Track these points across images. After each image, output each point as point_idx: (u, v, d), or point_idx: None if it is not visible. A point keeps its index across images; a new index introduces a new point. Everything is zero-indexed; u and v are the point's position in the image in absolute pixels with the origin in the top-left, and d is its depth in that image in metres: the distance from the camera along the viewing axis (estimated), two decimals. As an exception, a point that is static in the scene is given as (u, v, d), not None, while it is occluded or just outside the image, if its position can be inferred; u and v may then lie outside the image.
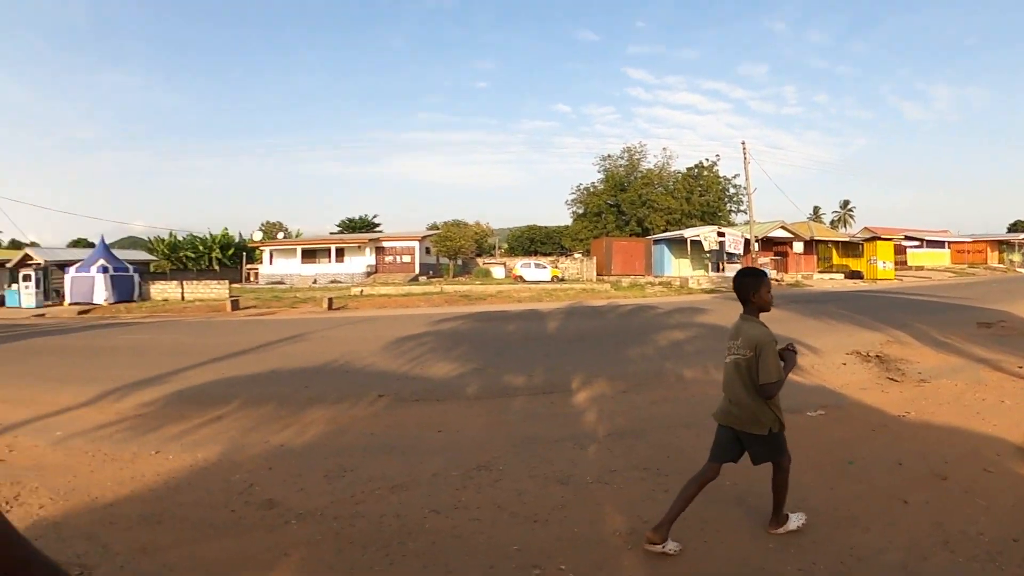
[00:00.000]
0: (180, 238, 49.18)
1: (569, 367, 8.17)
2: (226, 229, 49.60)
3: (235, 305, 23.11)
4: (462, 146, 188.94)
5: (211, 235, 48.88)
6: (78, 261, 29.42)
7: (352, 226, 59.21)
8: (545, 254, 52.62)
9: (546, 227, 59.65)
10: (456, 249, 40.88)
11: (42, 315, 22.68)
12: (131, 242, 61.32)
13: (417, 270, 41.11)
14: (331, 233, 51.53)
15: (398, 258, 42.53)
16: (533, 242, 58.70)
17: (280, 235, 52.08)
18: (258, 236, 46.93)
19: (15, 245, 42.73)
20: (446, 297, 24.95)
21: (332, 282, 38.32)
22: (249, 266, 45.61)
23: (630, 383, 7.10)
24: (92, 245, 57.64)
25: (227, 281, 31.54)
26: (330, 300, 22.26)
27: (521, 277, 36.86)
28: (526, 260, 42.60)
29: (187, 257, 47.22)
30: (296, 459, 4.69)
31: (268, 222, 69.29)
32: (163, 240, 48.86)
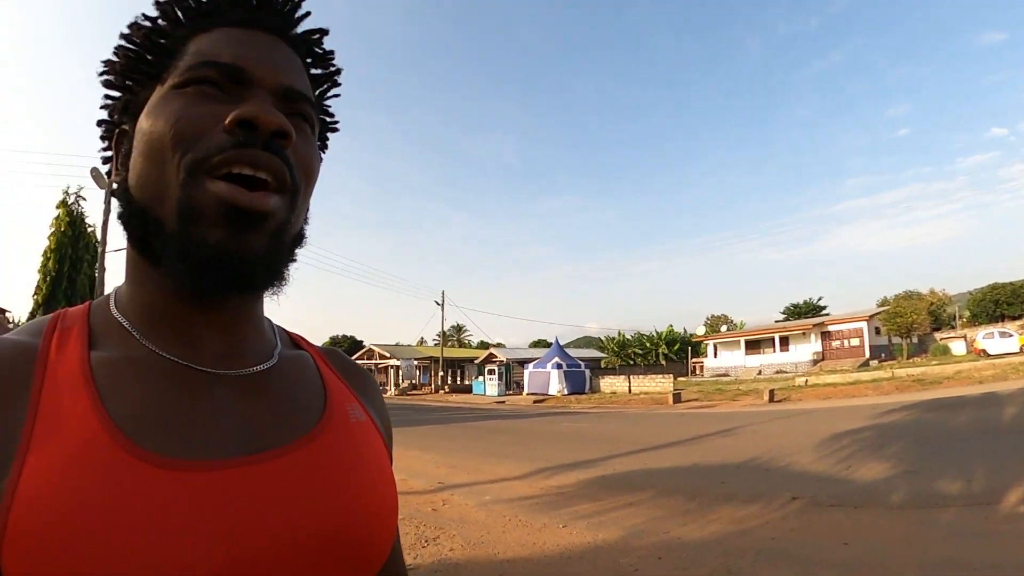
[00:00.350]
0: (628, 336, 53.92)
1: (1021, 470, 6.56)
2: (671, 326, 52.37)
3: (676, 398, 23.80)
4: (899, 205, 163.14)
5: (656, 332, 52.21)
6: (536, 359, 34.98)
7: (797, 312, 56.10)
8: (1013, 317, 40.24)
9: (1012, 283, 45.74)
10: (908, 325, 34.46)
11: (502, 402, 27.69)
12: (585, 341, 69.40)
13: (867, 353, 35.73)
14: (776, 321, 49.68)
15: (845, 342, 37.99)
16: (998, 304, 45.41)
17: (723, 327, 52.49)
18: (701, 330, 48.20)
19: (483, 346, 53.52)
20: (897, 383, 21.67)
21: (777, 372, 36.40)
22: (695, 360, 46.86)
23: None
24: (549, 345, 68.57)
25: (671, 375, 32.88)
26: (771, 392, 21.26)
27: (984, 351, 28.68)
28: (988, 330, 32.86)
29: (635, 353, 51.18)
30: (687, 553, 4.51)
31: (713, 315, 70.78)
32: (613, 339, 54.33)
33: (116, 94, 0.56)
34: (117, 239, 13.84)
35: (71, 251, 14.91)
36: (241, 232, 0.46)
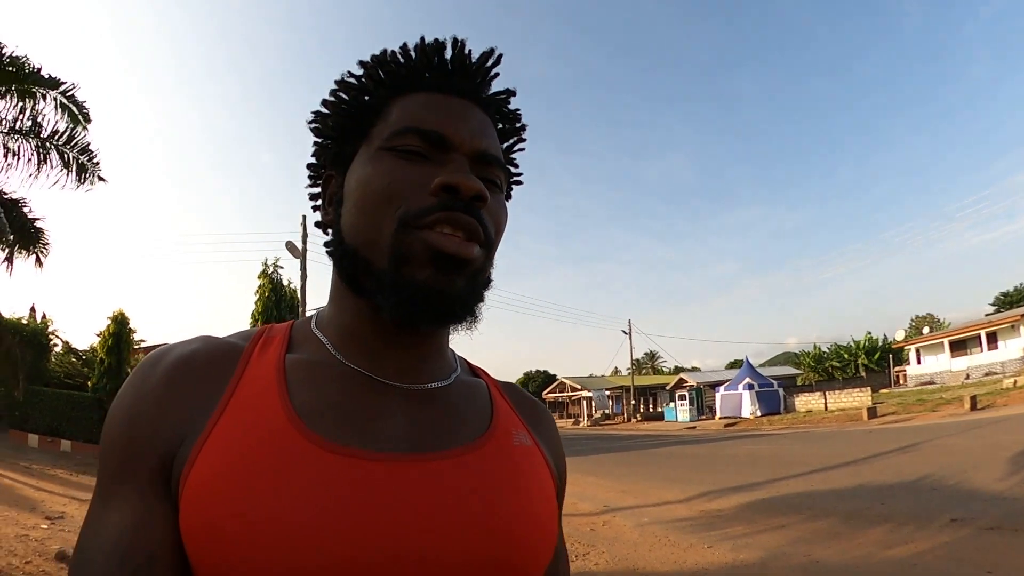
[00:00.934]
0: (825, 349, 50.13)
1: None
2: (869, 334, 48.33)
3: (872, 413, 22.37)
4: None
5: (854, 342, 48.10)
6: (727, 381, 33.84)
7: (1008, 300, 48.60)
8: None
9: None
10: None
11: (692, 428, 27.49)
12: (784, 358, 65.03)
13: None
14: (986, 315, 42.93)
15: None
16: None
17: (926, 329, 46.80)
18: (901, 335, 43.51)
19: (677, 371, 52.30)
20: None
21: (986, 375, 31.75)
22: (897, 368, 42.53)
23: None
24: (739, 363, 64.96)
25: (869, 388, 30.51)
26: (972, 399, 19.42)
27: None
28: None
29: (832, 367, 47.59)
30: (823, 575, 4.69)
31: (916, 316, 63.57)
32: (808, 353, 50.75)
33: (325, 143, 0.65)
34: (313, 300, 16.37)
35: (275, 312, 18.01)
36: (446, 273, 0.53)
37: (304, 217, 18.59)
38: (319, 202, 0.67)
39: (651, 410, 43.76)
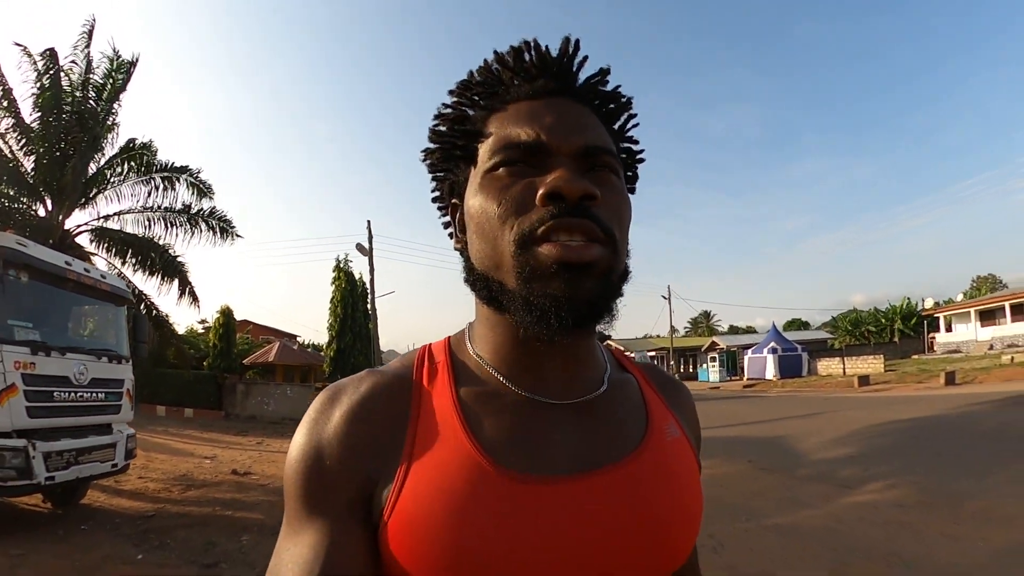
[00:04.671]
0: (864, 312, 51.31)
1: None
2: (907, 299, 49.08)
3: (863, 381, 24.62)
4: None
5: (892, 306, 49.12)
6: (755, 345, 36.50)
7: None
8: None
9: None
10: None
11: (717, 387, 30.45)
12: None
13: None
14: None
15: None
16: None
17: (990, 291, 47.04)
18: (929, 303, 44.47)
19: (732, 331, 53.92)
20: None
21: (1009, 346, 32.70)
22: (932, 334, 43.42)
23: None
24: (805, 325, 65.61)
25: (882, 356, 32.40)
26: (950, 374, 21.36)
27: None
28: None
29: (869, 331, 48.82)
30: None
31: (978, 276, 62.58)
32: (846, 316, 52.09)
33: (440, 175, 0.69)
34: (380, 287, 20.51)
35: (350, 299, 22.21)
36: (574, 280, 0.54)
37: (369, 222, 22.84)
38: (451, 230, 0.71)
39: (689, 370, 46.68)
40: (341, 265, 23.06)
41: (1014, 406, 13.18)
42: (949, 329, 40.86)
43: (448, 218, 0.71)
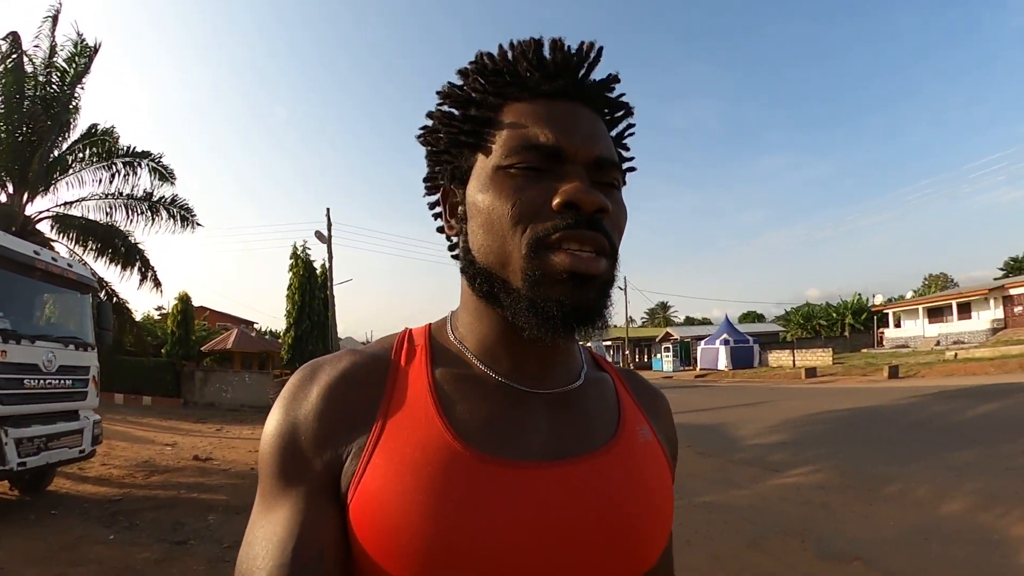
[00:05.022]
0: (817, 307, 53.11)
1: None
2: (858, 294, 51.08)
3: (810, 373, 25.82)
4: None
5: (843, 301, 51.02)
6: (708, 336, 37.68)
7: (1018, 266, 49.48)
8: None
9: None
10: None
11: (670, 377, 31.47)
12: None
13: None
14: (995, 279, 44.77)
15: None
16: None
17: (940, 289, 48.94)
18: (879, 299, 46.43)
19: (688, 322, 55.28)
20: None
21: (955, 342, 34.45)
22: (881, 329, 45.22)
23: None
24: (760, 318, 67.27)
25: (831, 349, 33.69)
26: (893, 368, 22.39)
27: None
28: None
29: (820, 325, 50.64)
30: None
31: (930, 275, 64.83)
32: (798, 310, 53.91)
33: (441, 158, 0.68)
34: (337, 275, 20.58)
35: (308, 285, 22.30)
36: (579, 289, 0.56)
37: (328, 210, 22.85)
38: (437, 210, 0.71)
39: (644, 360, 47.68)
40: (299, 252, 23.12)
41: (946, 399, 13.95)
42: (898, 325, 42.25)
43: (436, 199, 0.71)
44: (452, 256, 0.70)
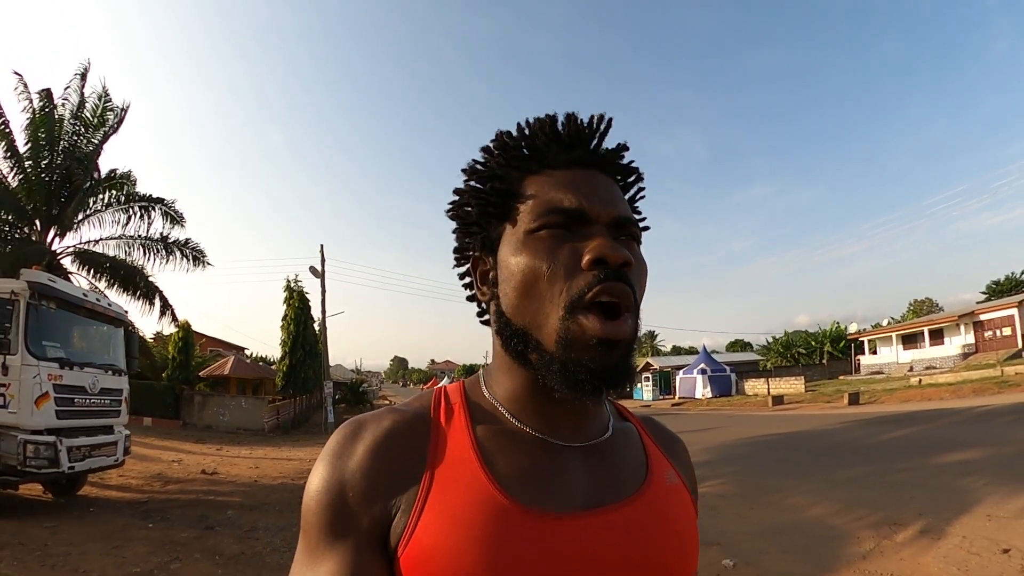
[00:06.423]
0: (796, 335, 54.31)
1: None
2: (836, 323, 52.01)
3: (777, 400, 27.06)
4: None
5: (822, 330, 52.20)
6: (687, 366, 39.01)
7: (999, 290, 49.45)
8: None
9: None
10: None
11: (648, 405, 32.76)
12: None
13: (1020, 344, 32.05)
14: (977, 303, 45.55)
15: (997, 332, 34.27)
16: None
17: (926, 314, 49.92)
18: (853, 327, 47.78)
19: (675, 351, 56.31)
20: (987, 384, 21.71)
21: (927, 368, 35.13)
22: (859, 356, 46.12)
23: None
24: (748, 346, 68.26)
25: (803, 377, 34.89)
26: (854, 395, 23.54)
27: None
28: None
29: (799, 353, 51.83)
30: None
31: (915, 300, 65.47)
32: (778, 339, 55.11)
33: (470, 229, 0.72)
34: (332, 307, 21.87)
35: (301, 316, 23.70)
36: (609, 353, 0.59)
37: (322, 246, 24.40)
38: (468, 280, 0.75)
39: (624, 390, 48.39)
40: (292, 285, 24.60)
41: (868, 425, 15.14)
42: (874, 352, 43.20)
43: (466, 269, 0.75)
44: (482, 321, 0.75)
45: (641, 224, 0.73)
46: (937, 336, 37.85)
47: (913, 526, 5.82)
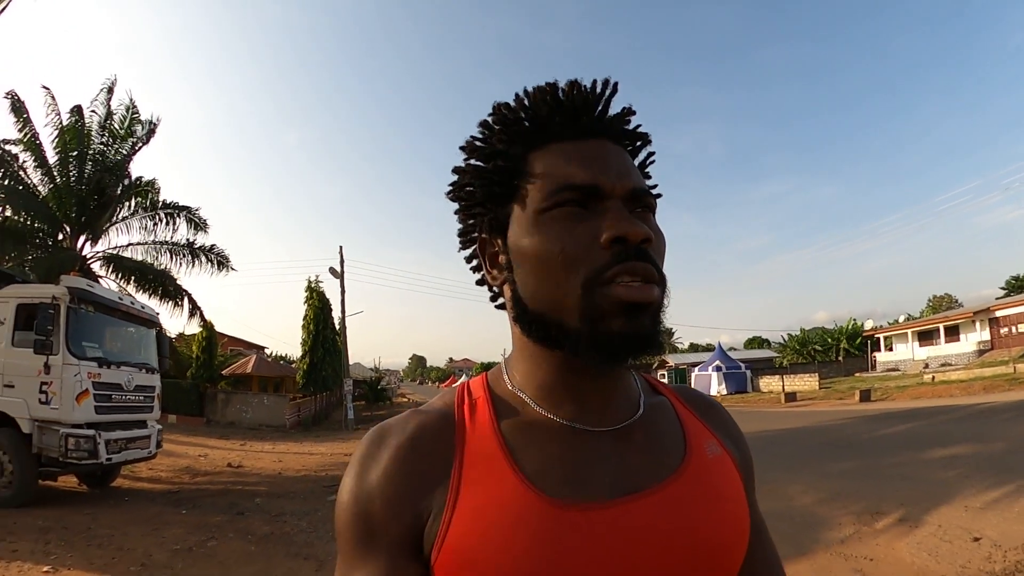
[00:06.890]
0: (812, 332, 54.10)
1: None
2: (853, 319, 51.67)
3: (790, 397, 26.98)
4: None
5: (838, 327, 51.97)
6: (702, 363, 39.14)
7: (1018, 285, 48.92)
8: None
9: None
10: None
11: None
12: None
13: None
14: (997, 299, 44.92)
15: (1013, 328, 33.61)
16: None
17: (945, 310, 49.53)
18: (869, 324, 47.53)
19: (692, 348, 55.84)
20: (998, 382, 21.48)
21: (943, 365, 34.75)
22: (876, 353, 45.89)
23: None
24: (766, 343, 67.97)
25: (817, 374, 34.88)
26: (863, 392, 23.42)
27: None
28: None
29: (815, 350, 51.64)
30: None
31: (934, 296, 64.71)
32: (794, 336, 54.92)
33: (475, 211, 0.69)
34: (351, 306, 22.56)
35: (321, 315, 24.35)
36: (636, 318, 0.57)
37: (341, 247, 25.04)
38: (475, 263, 0.72)
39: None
40: (313, 286, 25.25)
41: (878, 420, 15.17)
42: (890, 349, 42.93)
43: (472, 252, 0.72)
44: (496, 306, 0.72)
45: (654, 192, 0.68)
46: (953, 333, 37.56)
47: (893, 515, 6.13)
